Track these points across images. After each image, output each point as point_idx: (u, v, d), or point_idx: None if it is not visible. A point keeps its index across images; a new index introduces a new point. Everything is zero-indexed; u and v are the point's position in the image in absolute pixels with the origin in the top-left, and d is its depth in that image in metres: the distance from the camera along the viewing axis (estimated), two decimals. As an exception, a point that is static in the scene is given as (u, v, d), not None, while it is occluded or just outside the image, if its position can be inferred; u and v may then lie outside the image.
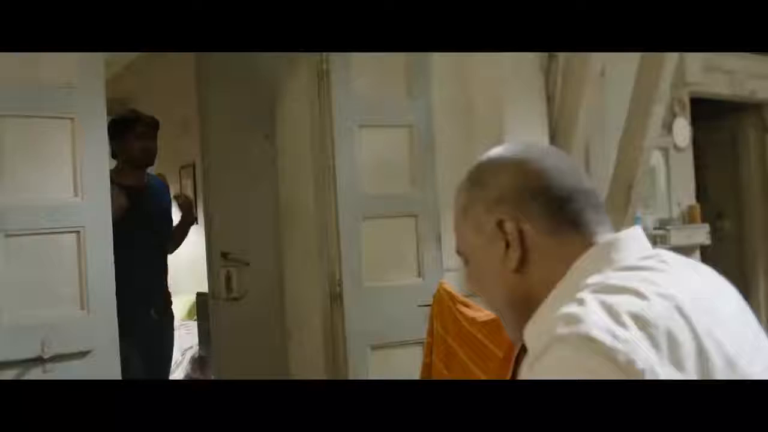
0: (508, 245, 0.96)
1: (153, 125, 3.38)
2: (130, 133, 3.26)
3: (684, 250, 4.35)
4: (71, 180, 2.59)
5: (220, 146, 3.70)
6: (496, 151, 1.03)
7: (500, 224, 0.96)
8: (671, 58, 3.67)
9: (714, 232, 4.71)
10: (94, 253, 2.60)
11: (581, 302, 0.83)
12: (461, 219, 1.03)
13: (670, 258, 0.94)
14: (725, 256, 5.21)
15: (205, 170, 3.82)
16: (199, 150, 3.83)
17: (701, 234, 4.55)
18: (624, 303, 0.81)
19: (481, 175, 1.01)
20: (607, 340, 0.77)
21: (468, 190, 1.02)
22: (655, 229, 4.30)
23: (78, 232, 2.59)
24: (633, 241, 0.96)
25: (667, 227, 4.33)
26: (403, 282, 3.20)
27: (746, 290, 5.29)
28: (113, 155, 3.20)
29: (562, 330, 0.80)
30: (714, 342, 0.82)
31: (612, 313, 0.80)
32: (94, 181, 2.62)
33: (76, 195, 2.60)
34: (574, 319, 0.80)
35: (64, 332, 2.51)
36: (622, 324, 0.79)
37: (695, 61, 4.51)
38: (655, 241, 4.19)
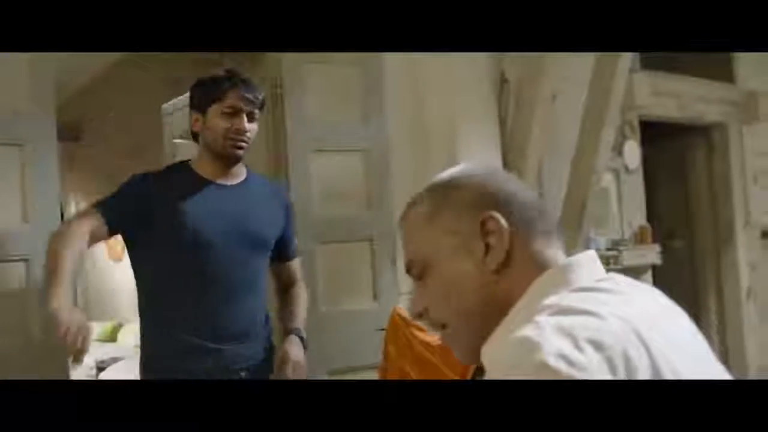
0: (487, 245, 0.95)
1: (253, 99, 2.24)
2: (214, 107, 2.23)
3: (636, 270, 4.43)
4: (20, 207, 2.55)
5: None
6: (459, 167, 1.04)
7: (484, 222, 0.96)
8: (620, 82, 3.76)
9: (665, 252, 4.80)
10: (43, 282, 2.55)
11: (538, 326, 0.82)
12: (423, 226, 1.01)
13: (624, 281, 0.95)
14: (676, 275, 5.31)
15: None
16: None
17: (652, 254, 4.63)
18: (581, 326, 0.82)
19: (453, 181, 1.01)
20: (563, 367, 0.77)
21: (436, 195, 1.01)
22: (607, 249, 4.36)
23: (27, 260, 2.54)
24: (589, 263, 0.97)
25: (619, 247, 4.40)
26: (359, 306, 3.20)
27: (697, 308, 5.39)
28: (193, 136, 2.32)
29: (518, 355, 0.81)
30: (669, 365, 0.83)
31: (569, 336, 0.80)
32: (43, 208, 2.58)
33: (25, 223, 2.55)
34: (530, 345, 0.80)
35: (12, 363, 2.45)
36: (579, 348, 0.79)
37: (644, 85, 4.61)
38: (608, 261, 4.25)
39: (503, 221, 0.95)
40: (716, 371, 0.93)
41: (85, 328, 1.89)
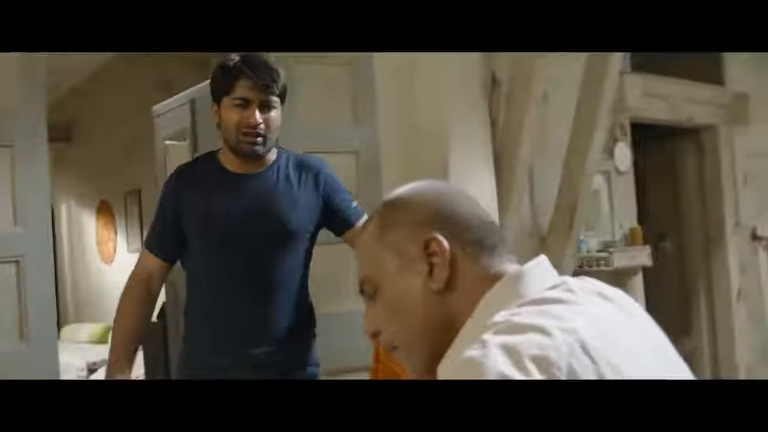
0: (431, 266, 0.96)
1: (263, 87, 2.06)
2: (225, 99, 2.08)
3: (626, 272, 4.44)
4: (10, 209, 2.54)
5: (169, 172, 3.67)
6: (409, 186, 1.05)
7: (427, 243, 0.96)
8: (611, 84, 3.77)
9: (656, 253, 4.81)
10: (35, 283, 2.55)
11: (483, 345, 0.83)
12: (372, 245, 1.01)
13: (576, 286, 0.95)
14: (667, 277, 5.32)
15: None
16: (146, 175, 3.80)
17: (643, 255, 4.64)
18: (526, 344, 0.81)
19: (401, 201, 1.02)
20: None
21: (384, 214, 1.02)
22: (598, 251, 4.38)
23: (17, 261, 2.54)
24: (539, 271, 0.97)
25: (610, 249, 4.41)
26: (350, 308, 3.19)
27: (687, 309, 5.40)
28: (218, 126, 2.15)
29: (462, 376, 0.81)
30: (617, 374, 0.82)
31: (513, 355, 0.80)
32: (33, 209, 2.57)
33: (15, 224, 2.55)
34: (473, 366, 0.81)
35: (1, 364, 2.44)
36: (522, 367, 0.79)
37: (635, 87, 4.63)
38: (599, 263, 4.27)
39: (445, 243, 0.96)
40: (677, 372, 0.92)
41: None
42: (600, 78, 3.71)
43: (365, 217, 2.31)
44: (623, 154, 4.75)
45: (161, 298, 2.26)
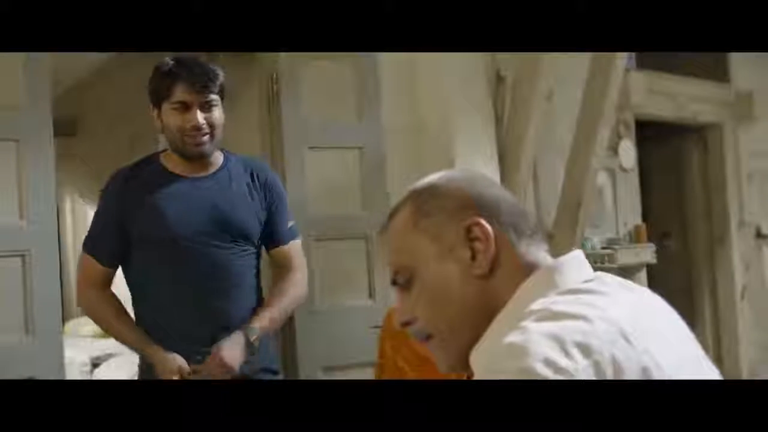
0: (474, 251, 0.95)
1: (201, 88, 2.04)
2: (165, 104, 2.06)
3: (631, 269, 4.43)
4: (16, 203, 2.55)
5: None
6: (440, 173, 1.04)
7: (470, 228, 0.95)
8: (616, 82, 3.76)
9: (660, 251, 4.81)
10: (40, 277, 2.55)
11: (525, 331, 0.82)
12: (407, 234, 0.99)
13: (610, 280, 0.95)
14: (671, 275, 5.32)
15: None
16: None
17: (647, 253, 4.64)
18: (569, 330, 0.82)
19: (435, 188, 1.01)
20: (549, 374, 0.78)
21: (419, 202, 1.00)
22: (602, 248, 4.37)
23: (23, 256, 2.54)
24: (575, 264, 0.97)
25: (614, 246, 4.41)
26: (355, 303, 3.20)
27: (692, 307, 5.40)
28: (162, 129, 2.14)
29: (505, 362, 0.81)
30: (656, 365, 0.83)
31: (557, 341, 0.80)
32: (39, 203, 2.58)
33: (21, 218, 2.56)
34: (517, 351, 0.80)
35: (7, 358, 2.45)
36: (566, 353, 0.79)
37: (640, 85, 4.62)
38: (603, 260, 4.26)
39: (488, 227, 0.95)
40: (706, 370, 0.93)
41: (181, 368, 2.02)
42: (605, 75, 3.71)
43: (299, 239, 2.31)
44: (628, 152, 4.74)
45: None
